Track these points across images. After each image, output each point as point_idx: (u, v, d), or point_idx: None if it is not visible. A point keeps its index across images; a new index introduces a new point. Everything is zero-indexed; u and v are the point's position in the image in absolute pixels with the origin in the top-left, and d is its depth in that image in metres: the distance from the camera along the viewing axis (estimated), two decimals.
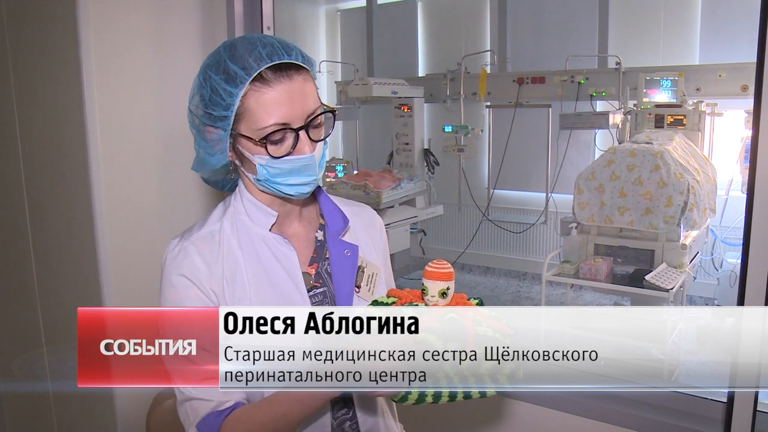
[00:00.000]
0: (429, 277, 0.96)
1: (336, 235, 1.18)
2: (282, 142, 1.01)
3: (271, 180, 1.04)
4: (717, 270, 4.85)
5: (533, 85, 5.04)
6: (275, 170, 1.03)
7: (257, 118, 1.00)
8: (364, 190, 4.47)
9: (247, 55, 1.00)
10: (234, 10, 2.14)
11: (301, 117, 1.01)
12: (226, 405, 1.02)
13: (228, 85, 1.00)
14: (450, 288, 0.96)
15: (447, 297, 0.96)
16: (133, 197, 1.95)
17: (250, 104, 1.00)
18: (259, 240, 1.11)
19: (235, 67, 1.00)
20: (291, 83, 1.00)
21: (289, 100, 1.00)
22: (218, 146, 1.05)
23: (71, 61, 1.81)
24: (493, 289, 5.99)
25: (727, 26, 4.92)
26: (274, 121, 1.00)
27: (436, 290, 0.95)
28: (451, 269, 0.97)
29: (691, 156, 3.96)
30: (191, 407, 1.03)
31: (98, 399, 2.01)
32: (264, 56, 1.00)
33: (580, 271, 3.69)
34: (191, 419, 1.03)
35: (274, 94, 1.00)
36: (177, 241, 1.10)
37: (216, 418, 1.01)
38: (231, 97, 1.00)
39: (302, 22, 7.06)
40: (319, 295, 1.14)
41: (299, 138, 1.02)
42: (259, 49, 1.00)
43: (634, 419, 1.64)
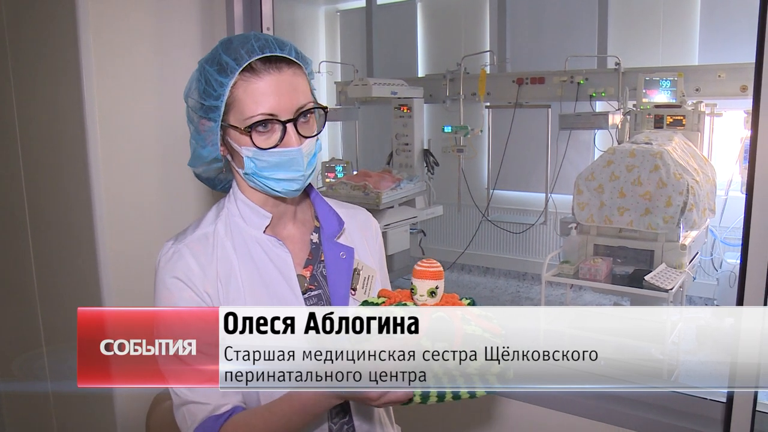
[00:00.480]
0: (418, 276, 0.96)
1: (331, 237, 1.18)
2: (269, 133, 1.02)
3: (258, 174, 1.04)
4: (716, 270, 4.85)
5: (533, 85, 5.04)
6: (262, 163, 1.02)
7: (245, 107, 1.01)
8: (364, 191, 4.48)
9: (240, 47, 1.01)
10: (233, 10, 2.15)
11: (290, 110, 1.01)
12: (224, 409, 1.02)
13: (219, 76, 1.01)
14: (439, 287, 0.96)
15: (436, 296, 0.96)
16: (133, 198, 1.95)
17: (238, 94, 1.01)
18: (253, 242, 1.10)
19: (227, 58, 1.01)
20: (280, 75, 1.01)
21: (278, 92, 1.00)
22: (210, 138, 1.06)
23: (71, 62, 1.81)
24: (493, 290, 5.99)
25: (727, 26, 4.92)
26: (261, 110, 1.00)
27: (425, 289, 0.95)
28: (440, 268, 0.96)
29: (690, 156, 3.96)
30: (188, 411, 1.03)
31: (98, 399, 2.01)
32: (256, 48, 1.01)
33: (580, 272, 3.69)
34: (188, 423, 1.02)
35: (263, 84, 1.00)
36: (171, 244, 1.10)
37: (214, 422, 1.00)
38: (221, 87, 1.01)
39: (302, 23, 7.06)
40: (314, 298, 1.13)
41: (287, 131, 1.01)
42: (252, 42, 1.02)
43: (634, 419, 1.64)
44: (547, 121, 5.04)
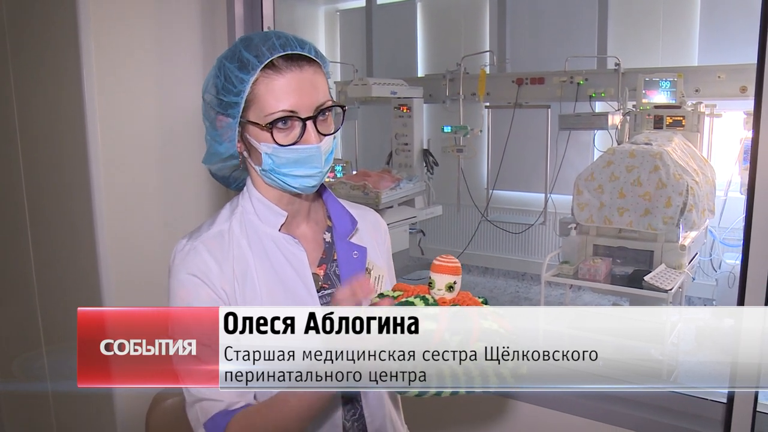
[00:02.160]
0: (437, 271, 0.97)
1: (344, 236, 1.18)
2: (289, 130, 1.02)
3: (276, 170, 1.04)
4: (716, 271, 4.85)
5: (532, 85, 5.04)
6: (281, 159, 1.03)
7: (266, 104, 1.01)
8: (363, 191, 4.48)
9: (261, 44, 1.01)
10: (234, 11, 2.15)
11: (310, 107, 1.02)
12: (237, 406, 1.02)
13: (240, 72, 1.01)
14: (457, 282, 0.97)
15: (453, 291, 0.97)
16: (133, 198, 1.95)
17: (260, 90, 1.01)
18: (268, 240, 1.10)
19: (249, 55, 1.01)
20: (301, 73, 1.02)
21: (299, 89, 1.01)
22: (227, 134, 1.05)
23: (72, 64, 1.81)
24: (492, 290, 5.99)
25: (726, 27, 4.92)
26: (282, 107, 1.00)
27: (443, 284, 0.96)
28: (459, 264, 0.98)
29: (690, 157, 3.96)
30: (201, 408, 1.03)
31: (98, 399, 2.01)
32: (277, 46, 1.01)
33: (579, 272, 3.69)
34: (200, 419, 1.02)
35: (284, 82, 1.01)
36: (186, 241, 1.09)
37: (224, 417, 1.00)
38: (242, 84, 1.01)
39: (302, 23, 7.06)
40: (328, 297, 1.13)
41: (306, 128, 1.02)
42: (273, 39, 1.02)
43: (634, 419, 1.64)
44: (547, 121, 5.04)
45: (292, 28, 6.80)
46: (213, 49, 2.13)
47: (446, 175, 5.51)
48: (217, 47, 2.14)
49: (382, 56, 6.79)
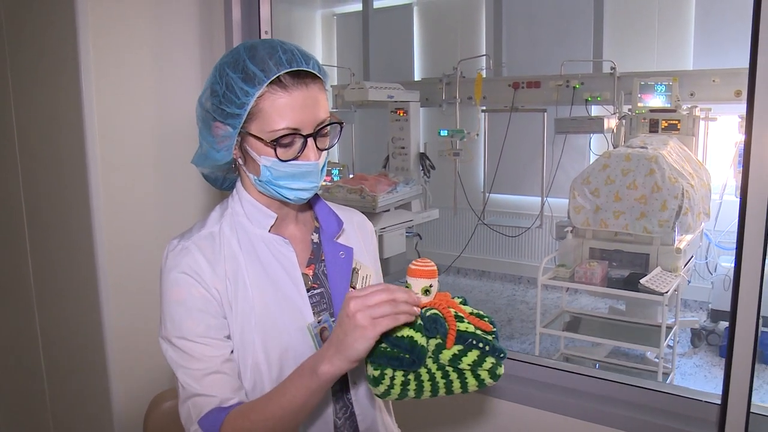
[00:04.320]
0: (413, 275, 0.97)
1: (331, 237, 1.20)
2: (290, 146, 1.03)
3: (273, 182, 1.05)
4: (711, 274, 4.87)
5: (528, 89, 5.06)
6: (279, 173, 1.04)
7: (270, 120, 1.01)
8: (360, 194, 4.48)
9: (268, 57, 1.01)
10: (232, 15, 2.15)
11: (312, 124, 1.03)
12: (231, 402, 1.02)
13: (245, 85, 1.00)
14: (433, 285, 0.97)
15: (430, 294, 0.97)
16: (131, 200, 1.95)
17: (264, 106, 1.01)
18: (258, 240, 1.12)
19: (255, 68, 1.00)
20: (307, 91, 1.02)
21: (303, 107, 1.01)
22: (225, 143, 1.06)
23: (70, 65, 1.81)
24: (489, 293, 6.00)
25: (721, 31, 4.95)
26: (286, 125, 1.01)
27: (419, 287, 0.96)
28: (434, 267, 0.97)
29: (685, 160, 3.98)
30: (194, 404, 1.02)
31: (95, 400, 2.01)
32: (284, 61, 1.01)
33: (576, 275, 3.70)
34: (193, 416, 1.02)
35: (290, 99, 1.01)
36: (177, 241, 1.10)
37: (219, 414, 1.00)
38: (246, 96, 1.00)
39: (299, 26, 7.08)
40: (317, 296, 1.15)
41: (307, 144, 1.03)
42: (279, 53, 1.02)
43: (628, 421, 1.64)
44: (543, 125, 5.06)
45: (289, 32, 6.81)
46: (211, 52, 2.14)
47: (443, 178, 5.52)
48: (215, 50, 2.15)
49: (379, 60, 6.80)
